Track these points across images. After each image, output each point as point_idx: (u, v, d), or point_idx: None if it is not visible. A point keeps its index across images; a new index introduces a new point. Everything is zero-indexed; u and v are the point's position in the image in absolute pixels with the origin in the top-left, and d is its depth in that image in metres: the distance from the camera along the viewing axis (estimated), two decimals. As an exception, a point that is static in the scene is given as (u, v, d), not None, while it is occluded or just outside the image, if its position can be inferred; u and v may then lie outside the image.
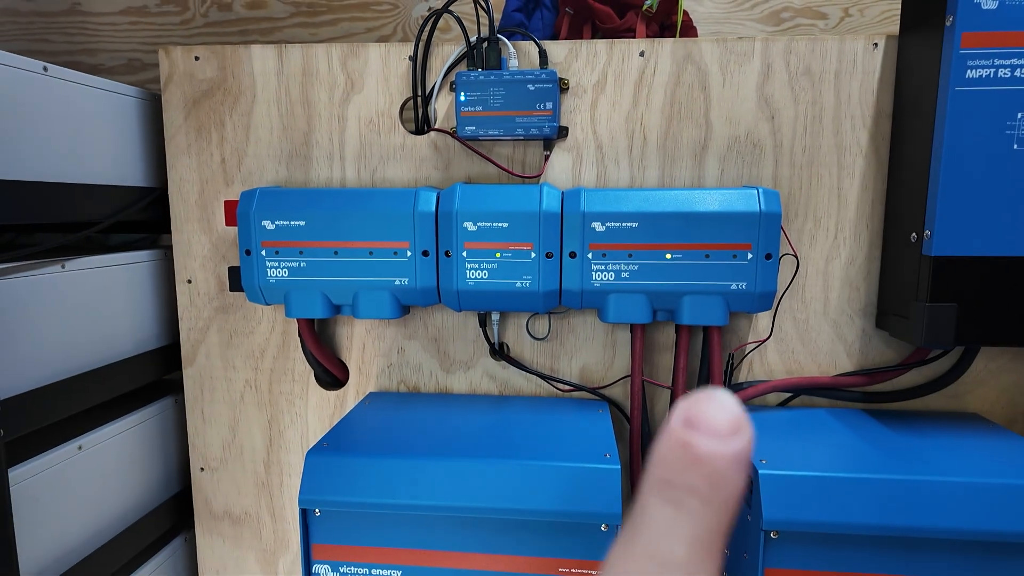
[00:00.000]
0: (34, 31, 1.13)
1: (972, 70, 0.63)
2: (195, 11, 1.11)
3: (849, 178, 0.75)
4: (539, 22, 0.91)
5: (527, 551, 0.61)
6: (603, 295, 0.72)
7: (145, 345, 0.84)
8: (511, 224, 0.71)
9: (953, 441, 0.67)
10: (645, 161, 0.77)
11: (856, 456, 0.64)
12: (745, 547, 0.63)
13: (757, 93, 0.75)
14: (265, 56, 0.79)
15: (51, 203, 0.70)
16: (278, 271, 0.75)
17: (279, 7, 1.10)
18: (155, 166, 0.86)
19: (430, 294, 0.74)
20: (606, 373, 0.81)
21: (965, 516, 0.57)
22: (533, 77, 0.73)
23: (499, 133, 0.74)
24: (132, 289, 0.82)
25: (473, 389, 0.83)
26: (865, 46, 0.73)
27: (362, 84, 0.79)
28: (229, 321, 0.84)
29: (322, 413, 0.85)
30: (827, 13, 1.07)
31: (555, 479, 0.60)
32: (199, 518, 0.88)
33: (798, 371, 0.79)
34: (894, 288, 0.73)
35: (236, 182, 0.82)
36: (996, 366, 0.76)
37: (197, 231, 0.83)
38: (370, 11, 1.10)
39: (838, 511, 0.58)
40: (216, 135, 0.81)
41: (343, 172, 0.81)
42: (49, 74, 0.69)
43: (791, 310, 0.78)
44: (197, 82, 0.80)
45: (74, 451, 0.72)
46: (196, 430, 0.86)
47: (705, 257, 0.70)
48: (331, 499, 0.62)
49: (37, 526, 0.67)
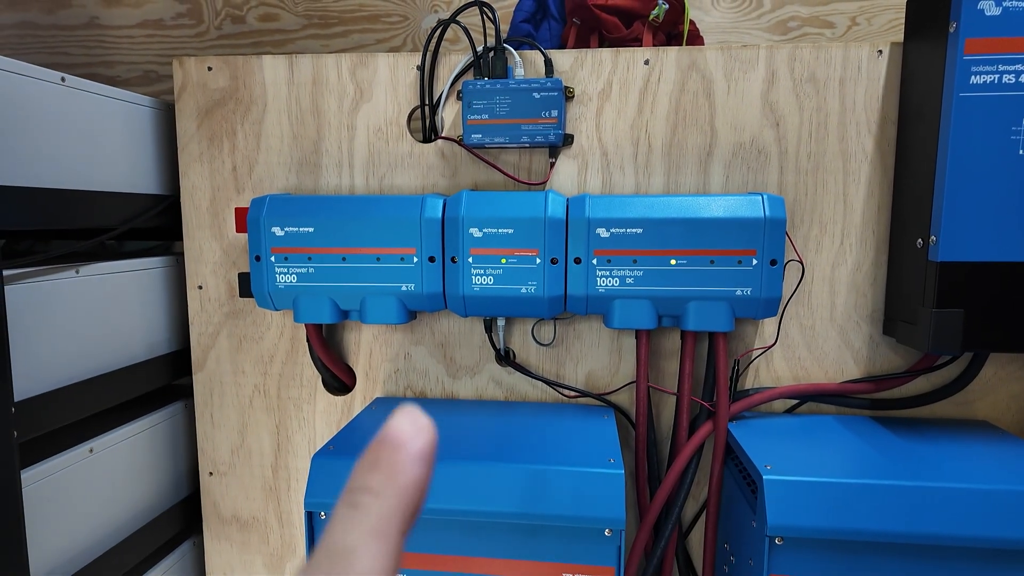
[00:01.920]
0: (54, 44, 1.16)
1: (976, 76, 0.63)
2: (209, 24, 1.13)
3: (854, 184, 0.75)
4: (546, 33, 0.92)
5: (531, 555, 0.61)
6: (608, 301, 0.72)
7: (156, 350, 0.86)
8: (516, 230, 0.72)
9: (961, 448, 0.67)
10: (650, 168, 0.78)
11: (862, 462, 0.64)
12: (750, 553, 0.62)
13: (762, 100, 0.75)
14: (276, 66, 0.81)
15: (67, 210, 0.71)
16: (287, 277, 0.76)
17: (291, 20, 1.13)
18: (168, 174, 0.87)
19: (436, 300, 0.75)
20: (612, 379, 0.81)
21: (972, 523, 0.56)
22: (539, 85, 0.74)
23: (505, 141, 0.75)
24: (144, 295, 0.83)
25: (479, 395, 0.83)
26: (870, 53, 0.73)
27: (371, 93, 0.80)
28: (239, 327, 0.85)
29: (329, 418, 0.85)
30: (834, 22, 1.08)
31: (559, 484, 0.60)
32: (207, 522, 0.89)
33: (804, 377, 0.78)
34: (901, 294, 0.72)
35: (247, 189, 0.83)
36: (1006, 373, 0.76)
37: (208, 238, 0.84)
38: (380, 23, 1.12)
39: (843, 517, 0.58)
40: (228, 143, 0.83)
41: (352, 179, 0.82)
42: (66, 85, 0.71)
43: (797, 316, 0.78)
44: (210, 92, 0.82)
45: (85, 454, 0.74)
46: (205, 434, 0.87)
47: (710, 263, 0.70)
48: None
49: (48, 528, 0.68)
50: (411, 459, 0.20)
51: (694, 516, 0.81)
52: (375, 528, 0.19)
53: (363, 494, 0.20)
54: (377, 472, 0.20)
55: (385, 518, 0.20)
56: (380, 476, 0.20)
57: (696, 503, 0.81)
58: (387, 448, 0.20)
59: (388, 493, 0.20)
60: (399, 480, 0.20)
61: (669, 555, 0.79)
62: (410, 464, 0.20)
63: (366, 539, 0.19)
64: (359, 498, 0.20)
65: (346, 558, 0.19)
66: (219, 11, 1.13)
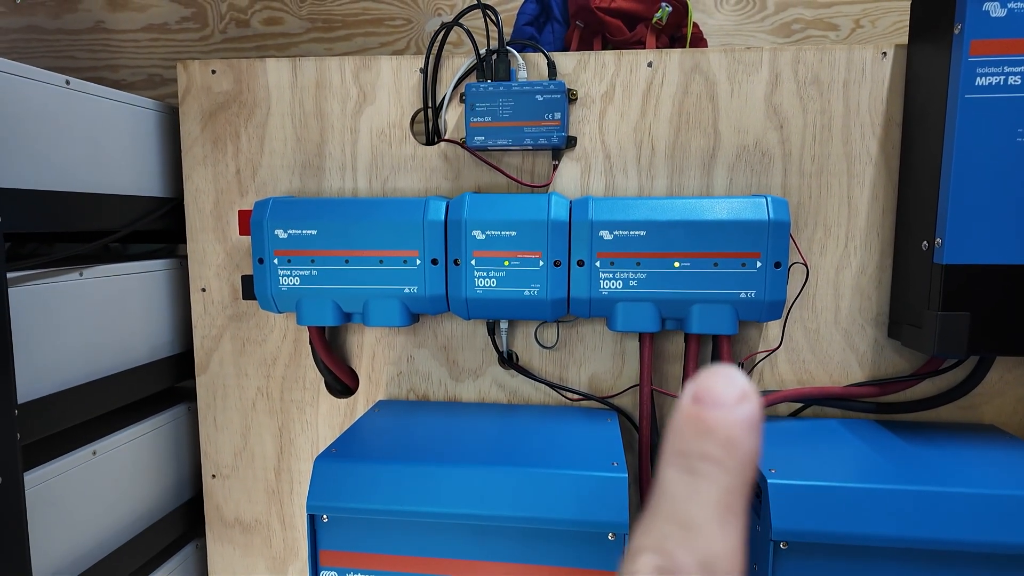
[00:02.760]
0: (60, 48, 1.16)
1: (981, 78, 0.63)
2: (214, 27, 1.14)
3: (859, 187, 0.75)
4: (550, 36, 0.92)
5: (534, 560, 0.61)
6: (611, 303, 0.72)
7: (160, 352, 0.86)
8: (519, 233, 0.72)
9: (967, 452, 0.66)
10: (653, 170, 0.78)
11: (868, 467, 0.63)
12: (755, 558, 0.62)
13: (765, 102, 0.75)
14: (280, 69, 0.81)
15: (71, 212, 0.72)
16: (290, 279, 0.76)
17: (295, 23, 1.13)
18: (172, 177, 0.88)
19: (439, 302, 0.75)
20: (615, 382, 0.81)
21: (979, 528, 0.56)
22: (541, 88, 0.74)
23: (508, 143, 0.75)
24: (148, 297, 0.84)
25: (482, 398, 0.83)
26: (874, 55, 0.73)
27: (374, 96, 0.80)
28: (242, 329, 0.85)
29: (332, 421, 0.85)
30: (838, 24, 1.08)
31: (562, 487, 0.60)
32: (210, 525, 0.89)
33: (809, 381, 0.78)
34: (906, 297, 0.72)
35: (250, 192, 0.83)
36: (1012, 377, 0.75)
37: (212, 240, 0.84)
38: (384, 27, 1.12)
39: (848, 522, 0.57)
40: (231, 146, 0.83)
41: (355, 182, 0.82)
42: (71, 87, 0.71)
43: (801, 319, 0.77)
44: (214, 95, 0.82)
45: (88, 456, 0.74)
46: (208, 437, 0.87)
47: (714, 266, 0.70)
48: (339, 505, 0.62)
49: (51, 530, 0.68)
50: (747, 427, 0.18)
51: (698, 520, 0.81)
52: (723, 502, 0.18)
53: (701, 461, 0.18)
54: (711, 439, 0.18)
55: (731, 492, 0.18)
56: (716, 444, 0.18)
57: (700, 507, 0.81)
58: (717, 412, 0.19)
59: (729, 464, 0.18)
60: (739, 451, 0.18)
61: (673, 559, 0.78)
62: (747, 433, 0.18)
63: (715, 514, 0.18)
64: (698, 465, 0.18)
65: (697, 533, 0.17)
66: (223, 15, 1.13)
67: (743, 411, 0.18)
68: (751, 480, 0.19)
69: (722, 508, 0.18)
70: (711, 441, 0.18)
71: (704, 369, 0.20)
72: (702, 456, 0.18)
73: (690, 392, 0.19)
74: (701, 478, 0.18)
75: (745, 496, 0.18)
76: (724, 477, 0.18)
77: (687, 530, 0.17)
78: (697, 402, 0.19)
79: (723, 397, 0.19)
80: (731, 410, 0.18)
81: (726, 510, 0.18)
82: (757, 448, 0.19)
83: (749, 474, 0.18)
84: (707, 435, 0.18)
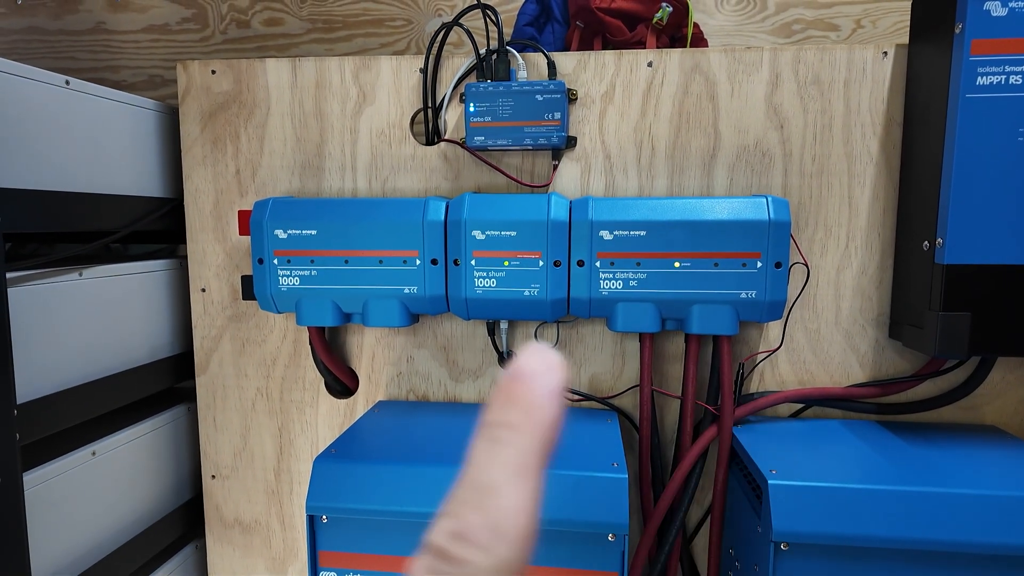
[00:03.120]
0: (60, 49, 1.16)
1: (982, 77, 0.62)
2: (214, 28, 1.14)
3: (860, 187, 0.75)
4: (550, 36, 0.92)
5: (533, 560, 0.61)
6: (611, 303, 0.72)
7: (159, 353, 0.86)
8: (519, 233, 0.71)
9: (969, 453, 0.66)
10: (653, 171, 0.77)
11: (869, 467, 0.63)
12: (755, 559, 0.62)
13: (766, 102, 0.75)
14: (279, 70, 0.81)
15: (71, 212, 0.71)
16: (290, 279, 0.76)
17: (296, 24, 1.13)
18: (172, 177, 0.88)
19: (439, 302, 0.75)
20: (615, 383, 0.81)
21: (980, 529, 0.55)
22: (541, 88, 0.74)
23: (508, 143, 0.75)
24: (147, 298, 0.83)
25: (482, 398, 0.83)
26: (875, 55, 0.73)
27: (374, 96, 0.80)
28: (242, 330, 0.85)
29: (332, 421, 0.85)
30: (839, 25, 1.07)
31: (562, 488, 0.60)
32: (210, 525, 0.88)
33: (810, 381, 0.78)
34: (907, 297, 0.72)
35: (250, 192, 0.83)
36: (1014, 377, 0.75)
37: (212, 241, 0.84)
38: (384, 27, 1.12)
39: (849, 523, 0.57)
40: (231, 147, 0.83)
41: (355, 182, 0.82)
42: (71, 88, 0.71)
43: (802, 320, 0.77)
44: (213, 95, 0.82)
45: (88, 456, 0.73)
46: (208, 438, 0.87)
47: (714, 266, 0.70)
48: (338, 506, 0.62)
49: (50, 530, 0.68)
50: (547, 395, 0.20)
51: (698, 521, 0.81)
52: (518, 464, 0.19)
53: (502, 429, 0.20)
54: (515, 408, 0.20)
55: (527, 454, 0.19)
56: (518, 412, 0.20)
57: (700, 508, 0.81)
58: (522, 384, 0.20)
59: (527, 429, 0.20)
60: (537, 416, 0.20)
61: (673, 560, 0.78)
62: (547, 400, 0.20)
63: (509, 475, 0.19)
64: (499, 433, 0.20)
65: (490, 494, 0.19)
66: (224, 16, 1.13)
67: (545, 380, 0.20)
68: (551, 442, 0.20)
69: (517, 469, 0.19)
70: (514, 410, 0.20)
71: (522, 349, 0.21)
72: (504, 424, 0.20)
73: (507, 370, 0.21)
74: (501, 444, 0.20)
75: (543, 457, 0.20)
76: (522, 440, 0.20)
77: (482, 493, 0.19)
78: (511, 378, 0.21)
79: (530, 371, 0.20)
80: (534, 380, 0.20)
81: (521, 470, 0.19)
82: (558, 415, 0.20)
83: (549, 436, 0.20)
84: (511, 405, 0.20)
